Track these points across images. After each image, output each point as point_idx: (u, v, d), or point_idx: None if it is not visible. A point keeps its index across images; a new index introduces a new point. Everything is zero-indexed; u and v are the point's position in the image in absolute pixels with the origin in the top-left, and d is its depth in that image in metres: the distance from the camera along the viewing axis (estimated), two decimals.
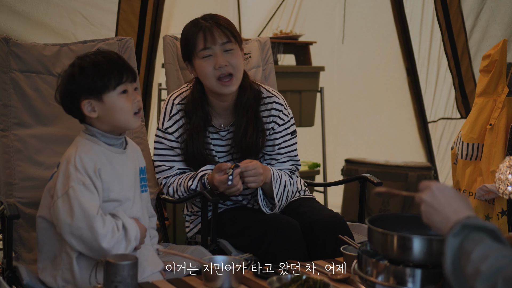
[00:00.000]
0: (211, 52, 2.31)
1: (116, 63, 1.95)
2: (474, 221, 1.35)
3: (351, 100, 5.23)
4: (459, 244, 1.33)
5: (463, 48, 4.22)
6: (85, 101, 1.94)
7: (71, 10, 3.72)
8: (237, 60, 2.33)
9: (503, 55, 2.98)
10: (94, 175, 1.92)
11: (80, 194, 1.87)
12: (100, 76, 1.92)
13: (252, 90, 2.42)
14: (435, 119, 4.90)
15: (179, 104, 2.44)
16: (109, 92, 1.93)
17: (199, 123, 2.39)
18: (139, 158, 2.16)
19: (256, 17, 5.08)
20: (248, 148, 2.37)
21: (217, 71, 2.31)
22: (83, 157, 1.92)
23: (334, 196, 4.73)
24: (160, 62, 4.14)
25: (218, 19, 2.36)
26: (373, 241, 1.69)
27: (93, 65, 1.93)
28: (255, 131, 2.38)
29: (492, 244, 1.29)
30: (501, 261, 1.24)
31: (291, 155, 2.47)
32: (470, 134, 3.04)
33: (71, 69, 1.97)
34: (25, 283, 2.02)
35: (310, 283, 1.70)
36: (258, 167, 2.27)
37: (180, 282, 1.85)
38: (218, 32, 2.31)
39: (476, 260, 1.27)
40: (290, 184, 2.41)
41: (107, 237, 1.86)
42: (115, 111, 1.94)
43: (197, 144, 2.38)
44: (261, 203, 2.35)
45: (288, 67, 4.39)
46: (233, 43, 2.33)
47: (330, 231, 2.27)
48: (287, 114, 2.45)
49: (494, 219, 2.92)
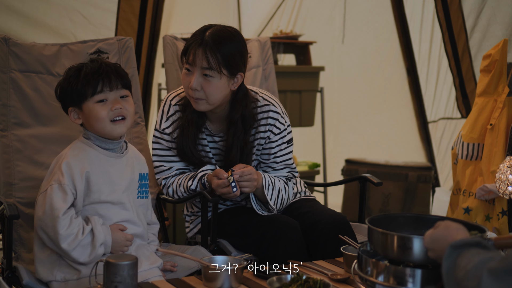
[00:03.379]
0: (191, 69, 2.27)
1: (96, 72, 1.99)
2: (462, 240, 1.45)
3: (351, 100, 5.23)
4: (452, 264, 1.42)
5: (464, 48, 4.22)
6: (70, 108, 2.04)
7: (70, 10, 3.72)
8: (212, 89, 2.26)
9: (504, 55, 2.97)
10: (78, 177, 1.97)
11: (54, 193, 1.94)
12: (77, 84, 2.00)
13: (247, 110, 2.36)
14: (435, 119, 4.90)
15: (176, 104, 2.43)
16: (86, 101, 2.00)
17: (191, 117, 2.38)
18: (141, 164, 2.18)
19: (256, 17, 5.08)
20: (232, 165, 2.35)
21: (189, 90, 2.28)
22: (71, 159, 1.98)
23: (334, 196, 4.73)
24: (160, 62, 4.14)
25: (219, 41, 2.25)
26: (373, 241, 1.69)
27: (75, 74, 2.01)
28: (239, 151, 2.36)
29: (477, 251, 1.40)
30: (483, 257, 1.35)
31: (288, 163, 2.46)
32: (471, 134, 3.04)
33: (63, 77, 2.05)
34: (25, 283, 2.02)
35: (310, 283, 1.70)
36: (253, 172, 2.28)
37: (180, 282, 1.85)
38: (203, 56, 2.24)
39: (464, 265, 1.38)
40: (285, 190, 2.40)
41: (68, 239, 1.91)
42: (91, 119, 2.00)
43: (186, 139, 2.37)
44: (254, 206, 2.35)
45: (288, 67, 4.39)
46: (215, 71, 2.24)
47: (332, 231, 2.26)
48: (283, 122, 2.42)
49: (494, 219, 2.92)
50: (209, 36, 2.25)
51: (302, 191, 2.61)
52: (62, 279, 1.95)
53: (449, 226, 1.56)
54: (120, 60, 2.59)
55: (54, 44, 2.53)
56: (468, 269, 1.35)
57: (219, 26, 2.30)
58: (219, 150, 2.44)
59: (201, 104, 2.30)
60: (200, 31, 2.29)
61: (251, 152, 2.39)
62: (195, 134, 2.39)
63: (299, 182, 2.64)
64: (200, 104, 2.30)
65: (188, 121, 2.38)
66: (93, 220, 1.97)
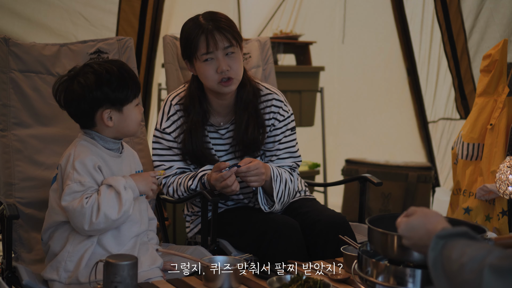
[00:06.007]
0: (213, 56, 2.30)
1: (132, 76, 2.03)
2: (447, 230, 1.42)
3: (351, 100, 5.23)
4: (438, 254, 1.39)
5: (463, 49, 4.22)
6: (106, 110, 2.00)
7: (72, 12, 3.73)
8: (238, 64, 2.34)
9: (504, 55, 2.97)
10: (94, 172, 1.97)
11: (70, 193, 1.94)
12: (124, 88, 2.00)
13: (251, 86, 2.43)
14: (435, 119, 4.90)
15: (177, 104, 2.44)
16: (128, 103, 2.02)
17: (197, 118, 2.39)
18: (136, 162, 2.20)
19: (256, 17, 5.08)
20: (249, 144, 2.38)
21: (218, 75, 2.31)
22: (83, 156, 1.97)
23: (334, 196, 4.73)
24: (160, 62, 4.14)
25: (219, 20, 2.33)
26: (373, 241, 1.69)
27: (118, 77, 1.99)
28: (256, 126, 2.40)
29: (466, 242, 1.37)
30: (479, 251, 1.31)
31: (291, 150, 2.46)
32: (471, 134, 3.04)
33: (93, 77, 1.98)
34: (25, 283, 2.02)
35: (310, 283, 1.70)
36: (260, 166, 2.27)
37: (180, 282, 1.85)
38: (220, 36, 2.29)
39: (456, 257, 1.34)
40: (291, 181, 2.40)
41: (91, 209, 1.91)
42: (130, 121, 2.04)
43: (196, 140, 2.38)
44: (260, 201, 2.35)
45: (288, 67, 4.40)
46: (235, 46, 2.32)
47: (332, 231, 2.27)
48: (287, 110, 2.46)
49: (494, 219, 2.92)
50: (208, 21, 2.31)
51: (302, 190, 2.62)
52: (65, 281, 1.95)
53: (427, 214, 1.52)
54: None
55: (54, 44, 2.53)
56: (464, 262, 1.31)
57: (201, 14, 2.36)
58: (224, 145, 2.45)
59: (233, 83, 2.34)
60: (195, 22, 2.33)
61: (265, 125, 2.42)
62: (202, 134, 2.40)
63: (300, 180, 2.64)
64: (232, 84, 2.34)
65: (195, 123, 2.39)
66: (105, 179, 1.97)
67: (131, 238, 2.04)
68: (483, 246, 1.34)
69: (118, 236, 2.01)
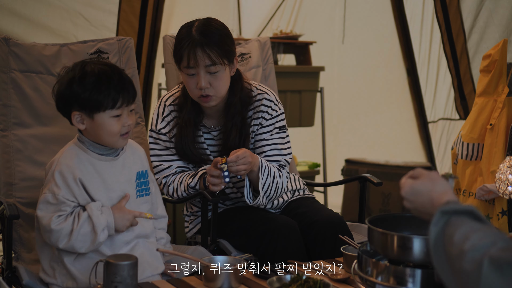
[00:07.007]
0: (194, 71, 2.27)
1: (116, 85, 1.89)
2: (453, 206, 1.34)
3: (351, 100, 5.23)
4: (440, 231, 1.32)
5: (462, 49, 4.22)
6: (75, 112, 1.91)
7: (72, 12, 3.73)
8: (220, 82, 2.28)
9: (503, 55, 2.97)
10: (73, 184, 1.92)
11: (44, 203, 1.92)
12: (96, 94, 1.88)
13: (243, 92, 2.40)
14: (435, 119, 4.90)
15: (171, 105, 2.44)
16: (101, 112, 1.90)
17: (189, 117, 2.39)
18: (140, 161, 2.11)
19: (256, 17, 5.08)
20: (230, 150, 2.34)
21: (198, 90, 2.29)
22: (63, 167, 1.92)
23: (334, 196, 4.73)
24: (160, 62, 4.14)
25: (210, 36, 2.25)
26: (373, 241, 1.69)
27: (95, 80, 1.88)
28: (238, 136, 2.37)
29: (472, 225, 1.29)
30: (484, 240, 1.23)
31: (278, 148, 2.41)
32: (470, 134, 3.04)
33: (72, 74, 1.92)
34: (25, 283, 2.02)
35: (310, 283, 1.70)
36: (247, 155, 2.23)
37: (180, 282, 1.85)
38: (202, 54, 2.23)
39: (458, 241, 1.26)
40: (280, 176, 2.36)
41: (63, 233, 1.88)
42: (102, 131, 1.92)
43: (185, 138, 2.37)
44: (246, 194, 2.32)
45: (288, 67, 4.40)
46: (219, 64, 2.26)
47: (329, 231, 2.27)
48: (276, 109, 2.43)
49: (494, 219, 2.92)
50: (198, 34, 2.25)
51: (301, 188, 2.61)
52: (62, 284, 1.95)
53: (434, 180, 1.44)
54: (120, 60, 2.59)
55: (54, 44, 2.53)
56: (465, 250, 1.23)
57: (198, 21, 2.30)
58: (217, 146, 2.44)
59: (212, 100, 2.31)
60: (183, 33, 2.29)
61: (249, 134, 2.39)
62: (193, 133, 2.40)
63: (298, 179, 2.64)
64: (211, 101, 2.31)
65: (186, 122, 2.39)
66: (89, 208, 1.90)
67: (126, 244, 2.00)
68: (489, 232, 1.25)
69: (111, 244, 1.97)
